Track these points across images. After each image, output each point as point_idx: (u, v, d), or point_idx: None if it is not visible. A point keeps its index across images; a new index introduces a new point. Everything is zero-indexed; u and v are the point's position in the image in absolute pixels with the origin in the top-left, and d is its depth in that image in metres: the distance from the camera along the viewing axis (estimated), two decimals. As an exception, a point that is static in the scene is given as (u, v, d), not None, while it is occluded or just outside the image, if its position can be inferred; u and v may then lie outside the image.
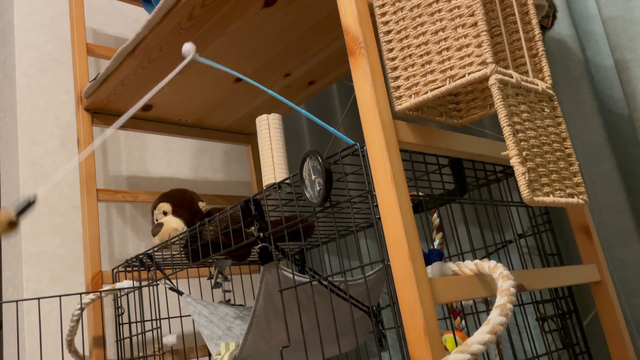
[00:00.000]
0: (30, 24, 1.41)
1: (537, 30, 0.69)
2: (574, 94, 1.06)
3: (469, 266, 0.66)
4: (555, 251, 0.97)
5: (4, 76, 1.45)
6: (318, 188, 0.70)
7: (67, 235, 1.31)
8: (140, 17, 1.63)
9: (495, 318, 0.55)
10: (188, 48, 0.85)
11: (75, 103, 1.32)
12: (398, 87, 0.66)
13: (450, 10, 0.61)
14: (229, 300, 1.17)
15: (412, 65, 0.64)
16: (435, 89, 0.62)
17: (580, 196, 0.67)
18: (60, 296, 0.98)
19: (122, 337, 1.10)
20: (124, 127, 1.33)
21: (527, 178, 0.58)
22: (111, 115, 1.31)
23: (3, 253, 1.36)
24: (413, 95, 0.64)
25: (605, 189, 1.01)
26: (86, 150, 0.99)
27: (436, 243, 0.91)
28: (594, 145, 1.03)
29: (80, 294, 1.05)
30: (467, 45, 0.60)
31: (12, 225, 0.61)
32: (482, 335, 0.54)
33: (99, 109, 1.28)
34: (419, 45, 0.64)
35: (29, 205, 0.63)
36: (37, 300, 1.19)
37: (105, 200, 1.25)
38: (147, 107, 1.31)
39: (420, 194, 0.79)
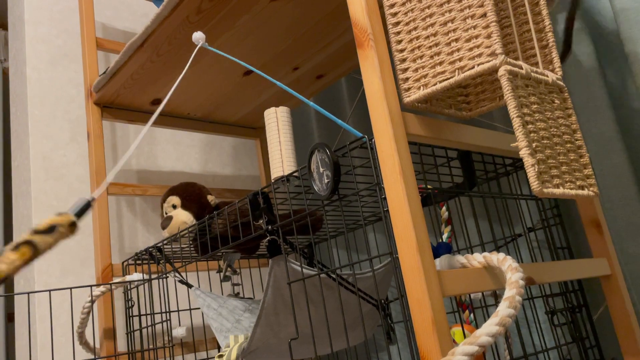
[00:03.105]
0: (40, 18, 1.42)
1: (547, 21, 0.68)
2: (585, 86, 1.05)
3: (477, 259, 0.65)
4: (565, 245, 0.96)
5: (15, 70, 1.46)
6: (326, 181, 0.70)
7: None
8: (148, 11, 1.64)
9: (503, 310, 0.54)
10: (198, 36, 0.85)
11: (85, 97, 1.33)
12: (407, 79, 0.66)
13: (460, 1, 0.61)
14: (238, 293, 1.18)
15: (421, 57, 0.64)
16: (444, 80, 0.62)
17: (591, 188, 0.66)
18: (71, 288, 0.99)
19: (132, 330, 1.11)
20: (133, 121, 1.34)
21: (536, 169, 0.57)
22: (121, 109, 1.32)
23: (15, 246, 1.37)
24: (422, 87, 0.64)
25: (616, 183, 1.00)
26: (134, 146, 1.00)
27: (445, 236, 0.91)
28: (605, 138, 1.02)
29: (91, 286, 1.06)
30: (477, 36, 0.59)
31: (73, 227, 0.61)
32: (490, 327, 0.53)
33: (109, 103, 1.29)
34: (427, 37, 0.63)
35: (87, 206, 0.63)
36: (48, 293, 1.20)
37: (115, 193, 1.26)
38: (156, 101, 1.31)
39: (428, 186, 0.79)
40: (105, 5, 1.55)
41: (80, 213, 0.61)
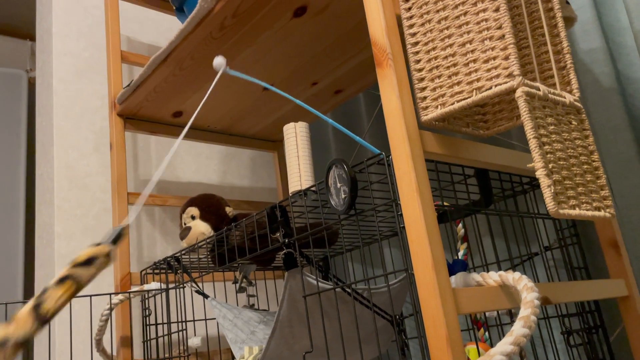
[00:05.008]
0: (67, 32, 1.46)
1: (565, 43, 0.69)
2: (604, 106, 1.05)
3: (493, 277, 0.65)
4: (582, 264, 0.96)
5: (42, 82, 1.50)
6: (343, 196, 0.71)
7: (98, 237, 1.34)
8: (172, 26, 1.67)
9: (518, 329, 0.55)
10: (219, 62, 0.86)
11: (109, 109, 1.36)
12: (424, 98, 0.67)
13: (478, 22, 0.62)
14: (253, 304, 1.18)
15: (439, 76, 0.65)
16: (461, 100, 0.63)
17: (607, 210, 0.66)
18: (90, 296, 1.01)
19: (148, 338, 1.12)
20: (155, 132, 1.36)
21: (552, 190, 0.58)
22: (143, 121, 1.34)
23: (36, 253, 1.40)
24: (439, 106, 0.65)
25: (635, 203, 1.00)
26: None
27: (460, 253, 0.91)
28: (625, 158, 1.01)
29: (110, 294, 1.08)
30: (494, 58, 0.60)
31: (109, 257, 0.62)
32: (504, 346, 0.54)
33: (132, 114, 1.31)
34: (446, 57, 0.64)
35: (120, 234, 0.64)
36: (68, 300, 1.22)
37: (135, 203, 1.29)
38: (177, 114, 1.34)
39: (445, 204, 0.80)
40: (131, 20, 1.59)
41: (116, 241, 0.62)
